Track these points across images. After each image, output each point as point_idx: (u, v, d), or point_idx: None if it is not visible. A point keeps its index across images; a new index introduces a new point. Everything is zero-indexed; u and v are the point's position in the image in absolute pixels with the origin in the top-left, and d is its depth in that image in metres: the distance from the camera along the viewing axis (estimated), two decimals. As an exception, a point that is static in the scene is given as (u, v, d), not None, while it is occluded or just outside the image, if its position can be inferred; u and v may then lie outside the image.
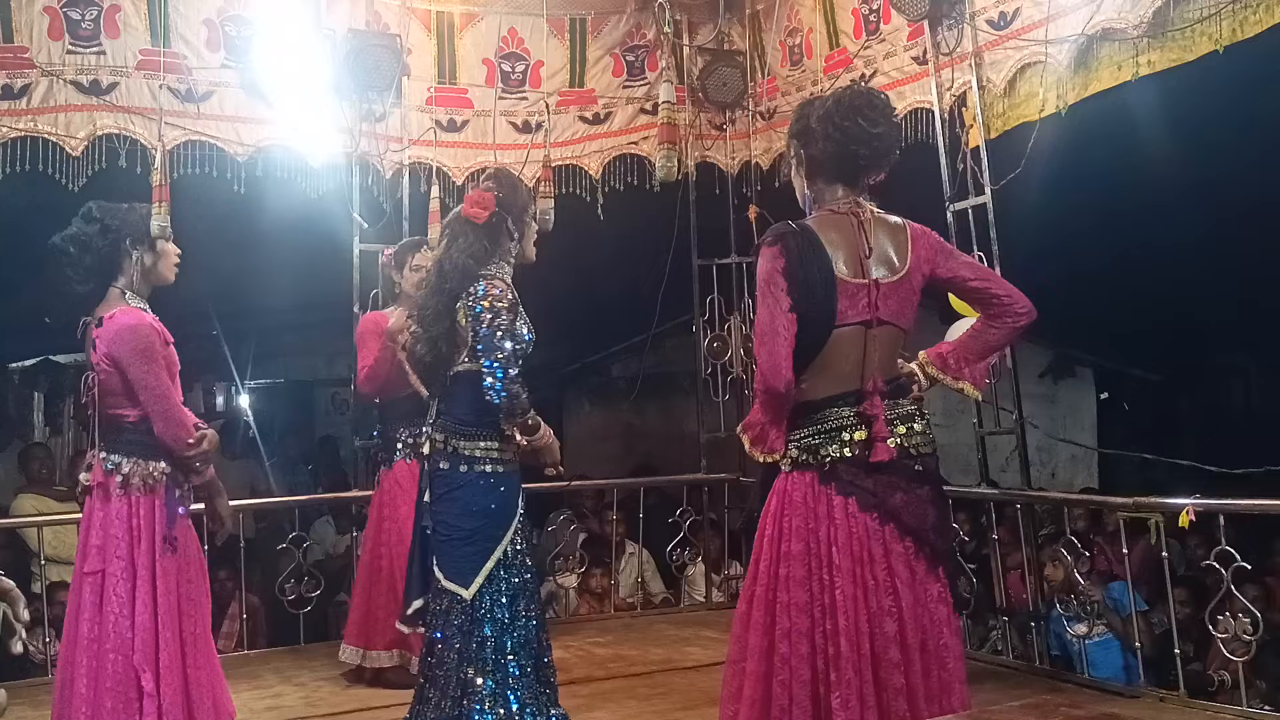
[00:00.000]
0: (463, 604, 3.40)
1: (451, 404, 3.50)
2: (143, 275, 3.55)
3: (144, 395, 3.37)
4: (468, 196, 3.57)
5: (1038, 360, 9.88)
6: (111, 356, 3.37)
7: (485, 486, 3.45)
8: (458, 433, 3.46)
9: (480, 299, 3.39)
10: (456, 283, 3.44)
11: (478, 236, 3.48)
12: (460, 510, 3.45)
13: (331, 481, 8.40)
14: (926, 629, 2.72)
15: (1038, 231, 6.09)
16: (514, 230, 3.55)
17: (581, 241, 6.09)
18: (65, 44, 5.07)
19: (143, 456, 3.41)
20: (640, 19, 6.20)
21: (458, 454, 3.45)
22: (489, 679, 3.38)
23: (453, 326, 3.45)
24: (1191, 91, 4.66)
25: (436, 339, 3.48)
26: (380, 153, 5.70)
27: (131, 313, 3.44)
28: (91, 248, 3.48)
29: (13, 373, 9.83)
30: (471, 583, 3.40)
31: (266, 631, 6.04)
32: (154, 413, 3.37)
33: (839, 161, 2.85)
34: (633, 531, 6.56)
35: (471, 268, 3.44)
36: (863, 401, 2.77)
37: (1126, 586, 4.97)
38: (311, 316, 8.79)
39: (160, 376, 3.38)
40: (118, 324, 3.40)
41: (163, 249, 3.60)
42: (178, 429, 3.40)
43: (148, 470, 3.40)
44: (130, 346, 3.36)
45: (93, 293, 3.50)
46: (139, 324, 3.41)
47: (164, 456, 3.42)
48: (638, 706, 4.47)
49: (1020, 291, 2.90)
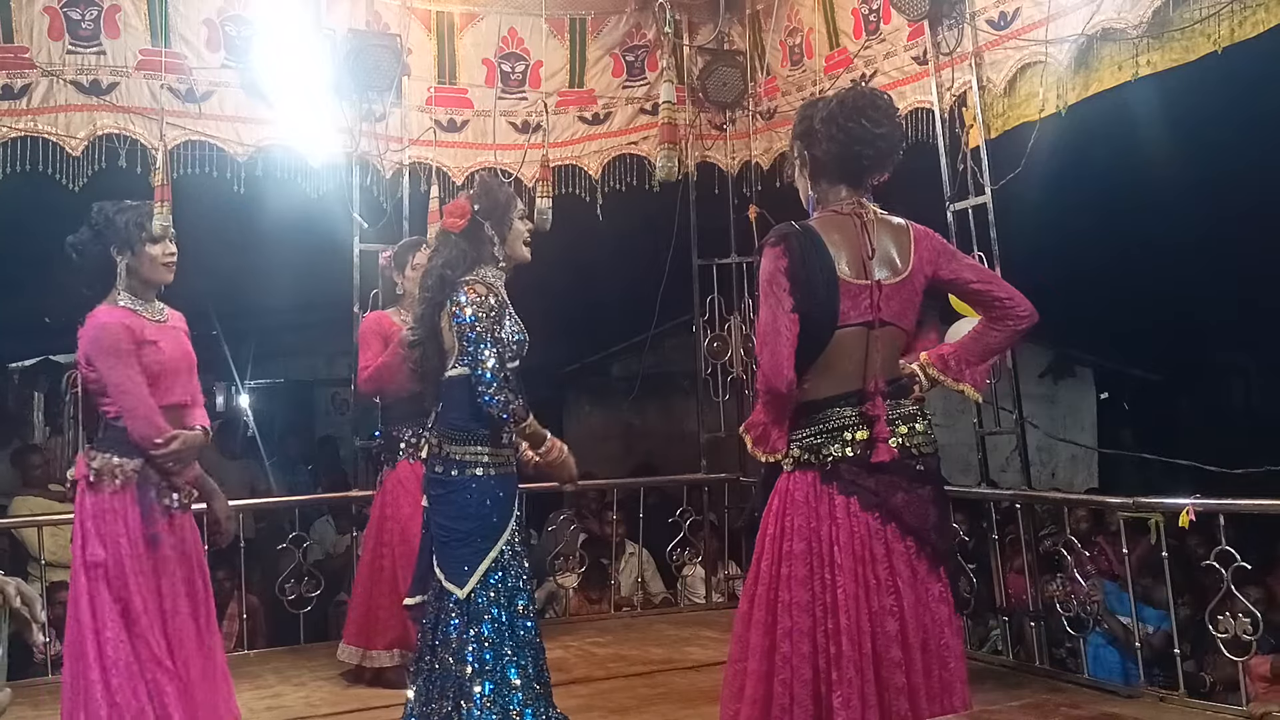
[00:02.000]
0: (458, 604, 3.43)
1: (445, 409, 3.56)
2: (133, 278, 3.56)
3: (112, 392, 3.42)
4: (445, 207, 3.68)
5: (1038, 360, 9.88)
6: (85, 355, 3.45)
7: (478, 489, 3.48)
8: (449, 437, 3.51)
9: (462, 307, 3.44)
10: (437, 292, 3.53)
11: (457, 245, 3.55)
12: (454, 513, 3.48)
13: (331, 481, 8.39)
14: (928, 628, 2.72)
15: (1038, 231, 6.10)
16: (494, 234, 3.58)
17: (581, 242, 6.10)
18: (65, 44, 5.07)
19: (119, 453, 3.43)
20: (640, 19, 6.20)
21: (449, 458, 3.50)
22: (488, 680, 3.39)
23: (435, 334, 3.54)
24: (1191, 91, 4.66)
25: (426, 345, 3.57)
26: (380, 153, 5.71)
27: (106, 312, 3.48)
28: (85, 252, 3.54)
29: (13, 373, 9.83)
30: (466, 582, 3.42)
31: (266, 631, 6.04)
32: (122, 409, 3.41)
33: (842, 162, 2.85)
34: (633, 531, 6.56)
35: (449, 277, 3.51)
36: (865, 402, 2.77)
37: (1128, 592, 4.95)
38: (311, 316, 8.80)
39: (127, 374, 3.40)
40: (90, 323, 3.47)
41: (145, 252, 3.56)
42: (145, 427, 3.42)
43: (120, 466, 3.42)
44: (98, 345, 3.42)
45: (97, 295, 3.54)
46: (107, 323, 3.45)
47: (139, 454, 3.44)
48: (638, 707, 4.47)
49: (1022, 294, 2.90)
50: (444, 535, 3.49)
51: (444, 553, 3.49)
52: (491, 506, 3.49)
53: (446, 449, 3.50)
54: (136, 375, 3.42)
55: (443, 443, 3.52)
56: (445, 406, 3.55)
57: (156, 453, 3.43)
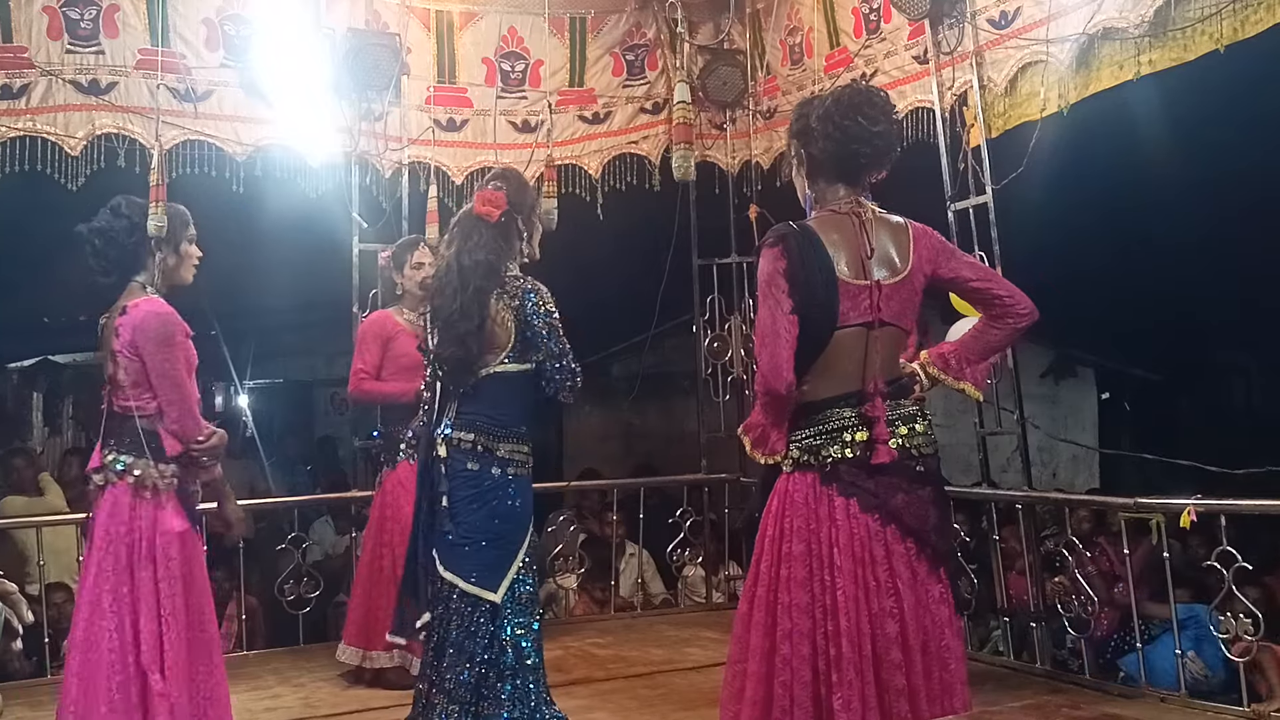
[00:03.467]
0: (486, 608, 3.37)
1: (482, 404, 3.45)
2: (163, 274, 3.56)
3: (160, 383, 3.35)
4: (479, 195, 3.55)
5: (1039, 360, 9.86)
6: (135, 343, 3.36)
7: (516, 490, 3.44)
8: (491, 433, 3.42)
9: (530, 299, 3.41)
10: (484, 279, 3.41)
11: (493, 235, 3.47)
12: (490, 513, 3.41)
13: (331, 481, 8.39)
14: (928, 630, 2.71)
15: (1039, 231, 6.08)
16: (524, 230, 3.55)
17: (581, 241, 6.08)
18: (64, 43, 5.07)
19: (152, 458, 3.38)
20: (640, 18, 6.20)
21: (490, 454, 3.41)
22: (508, 682, 3.37)
23: (483, 325, 3.40)
24: (1192, 91, 4.64)
25: (465, 337, 3.41)
26: (379, 152, 5.70)
27: (156, 302, 3.46)
28: (117, 242, 3.49)
29: (12, 373, 9.83)
30: (499, 586, 3.38)
31: (265, 632, 6.03)
32: (168, 401, 3.36)
33: (840, 160, 2.83)
34: (633, 532, 6.55)
35: (495, 264, 3.43)
36: (864, 402, 2.76)
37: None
38: (311, 316, 8.79)
39: (179, 366, 3.38)
40: (143, 311, 3.40)
41: (185, 251, 3.61)
42: (190, 420, 3.38)
43: (156, 471, 3.38)
44: (155, 333, 3.36)
45: (114, 285, 3.51)
46: (165, 312, 3.42)
47: (170, 458, 3.40)
48: (638, 707, 4.46)
49: (1022, 292, 2.89)
50: (471, 536, 3.40)
51: (470, 556, 3.40)
52: (523, 507, 3.46)
53: (486, 444, 3.40)
54: (185, 368, 3.39)
55: (480, 438, 3.41)
56: (482, 401, 3.44)
57: (198, 448, 3.39)
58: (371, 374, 4.81)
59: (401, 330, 4.80)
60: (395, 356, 4.78)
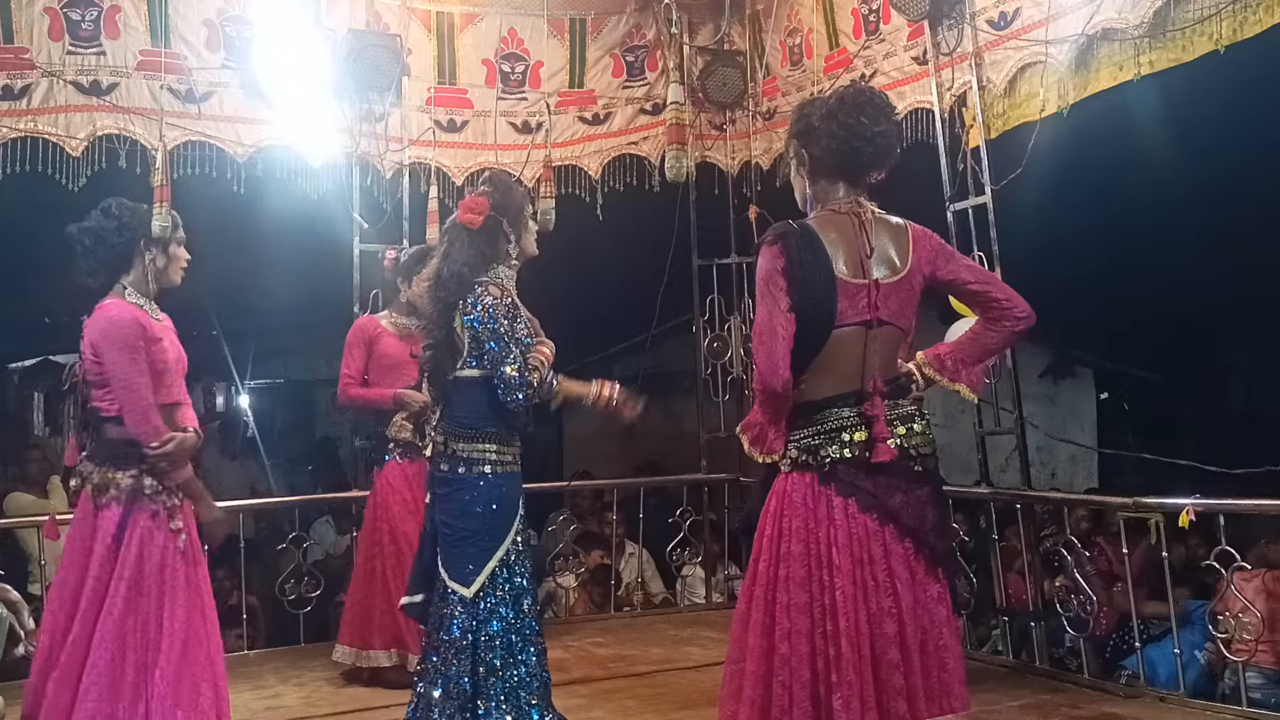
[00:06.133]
0: (465, 603, 3.42)
1: (453, 407, 3.55)
2: (151, 276, 3.59)
3: (114, 385, 3.39)
4: (461, 203, 3.62)
5: (1038, 360, 9.85)
6: (93, 345, 3.42)
7: (485, 487, 3.48)
8: (456, 435, 3.51)
9: (475, 310, 3.44)
10: (452, 292, 3.50)
11: (474, 242, 3.53)
12: (460, 510, 3.48)
13: (331, 481, 8.40)
14: (926, 630, 2.72)
15: (1038, 231, 6.08)
16: (510, 232, 3.57)
17: (581, 242, 6.09)
18: (65, 44, 5.08)
19: (116, 466, 3.41)
20: (640, 19, 6.21)
21: (456, 456, 3.50)
22: (498, 679, 3.39)
23: (450, 334, 3.51)
24: (1191, 91, 4.65)
25: (436, 346, 3.56)
26: (380, 153, 5.71)
27: (119, 305, 3.48)
28: (106, 242, 3.53)
29: (12, 373, 9.83)
30: (473, 581, 3.42)
31: (266, 632, 6.04)
32: (123, 404, 3.39)
33: (841, 160, 2.84)
34: (632, 531, 6.55)
35: (467, 276, 3.49)
36: (863, 402, 2.76)
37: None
38: (311, 316, 8.78)
39: (133, 370, 3.39)
40: (103, 314, 3.46)
41: (174, 253, 3.65)
42: (143, 425, 3.39)
43: (120, 474, 3.40)
44: (108, 337, 3.40)
45: (101, 287, 3.54)
46: (121, 316, 3.44)
47: (138, 464, 3.42)
48: (638, 706, 4.47)
49: (1020, 296, 2.89)
50: (450, 533, 3.48)
51: (449, 552, 3.48)
52: (499, 505, 3.49)
53: (453, 446, 3.49)
54: (142, 373, 3.40)
55: (449, 440, 3.51)
56: (453, 405, 3.54)
57: (152, 453, 3.41)
58: (356, 379, 4.92)
59: (384, 332, 4.92)
60: (378, 357, 4.91)
